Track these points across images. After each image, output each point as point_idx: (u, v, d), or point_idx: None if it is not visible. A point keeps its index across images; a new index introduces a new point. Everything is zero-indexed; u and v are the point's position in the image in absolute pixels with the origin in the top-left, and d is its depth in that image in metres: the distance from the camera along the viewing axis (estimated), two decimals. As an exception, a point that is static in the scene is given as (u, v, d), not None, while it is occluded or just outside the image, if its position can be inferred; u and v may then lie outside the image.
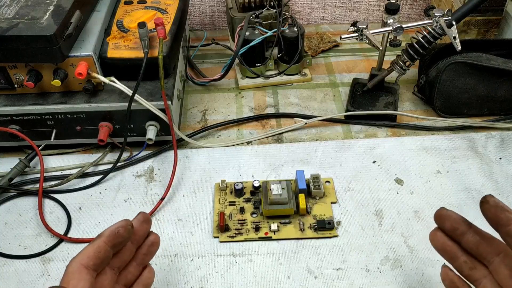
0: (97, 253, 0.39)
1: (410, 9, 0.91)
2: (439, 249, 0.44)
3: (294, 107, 0.72)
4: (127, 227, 0.41)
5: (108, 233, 0.40)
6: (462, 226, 0.42)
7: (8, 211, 0.58)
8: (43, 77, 0.58)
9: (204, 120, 0.70)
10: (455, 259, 0.42)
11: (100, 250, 0.39)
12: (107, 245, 0.39)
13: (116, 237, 0.40)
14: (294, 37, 0.72)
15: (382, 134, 0.67)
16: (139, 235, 0.43)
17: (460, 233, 0.42)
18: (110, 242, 0.40)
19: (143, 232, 0.44)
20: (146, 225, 0.44)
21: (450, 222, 0.42)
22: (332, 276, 0.50)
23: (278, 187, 0.55)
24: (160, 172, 0.62)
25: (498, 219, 0.38)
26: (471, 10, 0.62)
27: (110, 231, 0.40)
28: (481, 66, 0.64)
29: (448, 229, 0.43)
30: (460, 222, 0.42)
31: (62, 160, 0.63)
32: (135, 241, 0.43)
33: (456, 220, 0.42)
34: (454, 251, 0.42)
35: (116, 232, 0.40)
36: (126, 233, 0.41)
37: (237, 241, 0.53)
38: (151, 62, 0.58)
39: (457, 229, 0.42)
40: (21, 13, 0.55)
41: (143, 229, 0.44)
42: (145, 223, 0.44)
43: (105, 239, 0.40)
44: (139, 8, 0.67)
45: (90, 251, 0.39)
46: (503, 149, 0.63)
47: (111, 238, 0.40)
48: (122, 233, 0.40)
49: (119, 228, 0.40)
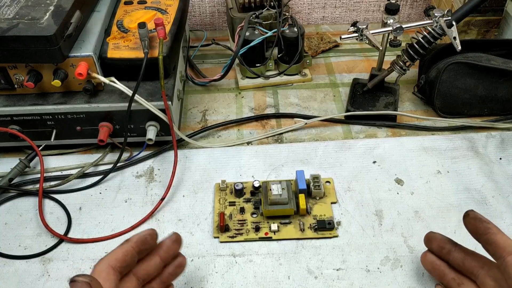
0: (124, 256, 0.41)
1: (410, 9, 0.91)
2: (429, 269, 0.48)
3: (294, 107, 0.72)
4: (154, 236, 0.44)
5: (136, 239, 0.43)
6: (448, 245, 0.46)
7: (8, 211, 0.58)
8: (43, 77, 0.58)
9: (204, 120, 0.70)
10: (444, 277, 0.46)
11: (127, 254, 0.41)
12: (134, 250, 0.42)
13: (143, 243, 0.43)
14: (294, 37, 0.72)
15: (382, 134, 0.67)
16: (168, 253, 0.45)
17: (447, 251, 0.46)
18: (138, 247, 0.42)
19: (173, 251, 0.46)
20: (177, 246, 0.46)
21: (437, 242, 0.47)
22: (332, 276, 0.50)
23: (278, 187, 0.55)
24: (160, 172, 0.62)
25: (477, 229, 0.42)
26: (471, 10, 0.62)
27: (138, 237, 0.43)
28: (481, 66, 0.64)
29: (435, 249, 0.47)
30: (446, 242, 0.46)
31: (62, 160, 0.63)
32: (164, 258, 0.45)
33: (442, 240, 0.46)
34: (442, 269, 0.46)
35: (144, 239, 0.43)
36: (152, 241, 0.44)
37: (237, 241, 0.53)
38: (151, 62, 0.58)
39: (443, 248, 0.46)
40: (21, 14, 0.55)
41: (173, 248, 0.46)
42: (176, 244, 0.46)
43: (133, 244, 0.42)
44: (139, 9, 0.67)
45: (119, 253, 0.41)
46: (503, 149, 0.63)
47: (139, 243, 0.43)
48: (149, 240, 0.43)
49: (147, 235, 0.43)
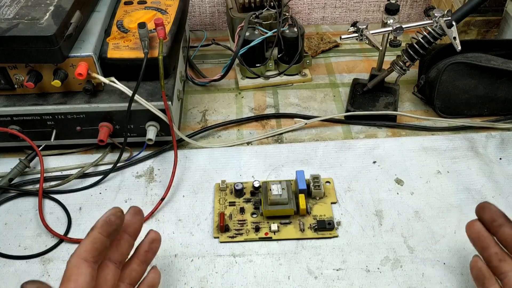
0: (93, 244, 0.39)
1: (410, 9, 0.91)
2: (474, 237, 0.45)
3: (294, 107, 0.72)
4: (117, 214, 0.41)
5: (100, 223, 0.41)
6: (501, 219, 0.44)
7: (8, 211, 0.58)
8: (43, 77, 0.58)
9: (204, 121, 0.70)
10: (487, 249, 0.44)
11: (96, 241, 0.39)
12: (102, 235, 0.40)
13: (109, 225, 0.41)
14: (294, 38, 0.72)
15: (382, 134, 0.67)
16: (134, 227, 0.44)
17: (498, 224, 0.44)
18: (105, 231, 0.40)
19: (138, 224, 0.44)
20: (139, 216, 0.45)
21: (490, 214, 0.44)
22: (332, 276, 0.50)
23: (278, 187, 0.55)
24: (160, 173, 0.62)
25: None
26: (471, 11, 0.62)
27: (102, 220, 0.41)
28: (481, 67, 0.64)
29: (487, 219, 0.45)
30: (500, 215, 0.44)
31: (62, 161, 0.63)
32: (132, 233, 0.44)
33: (496, 212, 0.44)
34: (487, 241, 0.44)
35: (108, 221, 0.41)
36: (118, 219, 0.41)
37: (237, 242, 0.53)
38: (151, 62, 0.58)
39: (495, 220, 0.44)
40: (21, 14, 0.55)
41: (137, 221, 0.44)
42: (137, 215, 0.44)
43: (99, 229, 0.40)
44: (139, 9, 0.67)
45: (87, 243, 0.39)
46: (503, 150, 0.63)
47: (105, 227, 0.40)
48: (114, 220, 0.41)
49: (110, 216, 0.41)
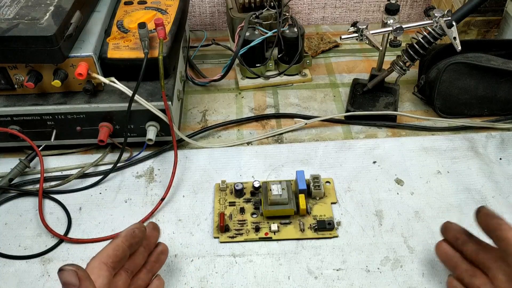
0: (115, 251, 0.41)
1: (410, 9, 0.91)
2: (443, 259, 0.48)
3: (294, 107, 0.72)
4: (141, 228, 0.45)
5: (125, 233, 0.43)
6: (463, 236, 0.46)
7: (8, 211, 0.58)
8: (43, 77, 0.58)
9: (204, 121, 0.70)
10: (457, 268, 0.46)
11: (118, 249, 0.42)
12: (124, 244, 0.42)
13: (132, 237, 0.43)
14: (294, 38, 0.72)
15: (382, 134, 0.67)
16: (150, 241, 0.47)
17: (461, 242, 0.46)
18: (128, 241, 0.43)
19: (154, 239, 0.47)
20: (156, 233, 0.48)
21: (453, 232, 0.47)
22: (332, 276, 0.50)
23: (278, 187, 0.55)
24: (160, 173, 0.62)
25: (489, 225, 0.43)
26: (471, 11, 0.62)
27: (127, 231, 0.43)
28: (481, 67, 0.64)
29: (450, 239, 0.47)
30: (461, 233, 0.46)
31: (62, 161, 0.63)
32: (147, 247, 0.46)
33: (458, 230, 0.46)
34: (455, 260, 0.46)
35: (132, 233, 0.43)
36: (141, 233, 0.45)
37: (237, 242, 0.53)
38: (151, 62, 0.58)
39: (458, 238, 0.46)
40: (21, 14, 0.55)
41: (154, 236, 0.47)
42: (155, 231, 0.47)
43: (123, 239, 0.43)
44: (139, 9, 0.67)
45: (110, 249, 0.42)
46: (503, 150, 0.63)
47: (128, 238, 0.43)
48: (137, 233, 0.44)
49: (135, 229, 0.44)
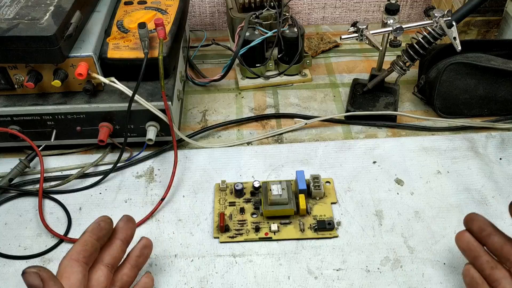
0: (84, 246, 0.42)
1: (410, 9, 0.91)
2: (465, 248, 0.46)
3: (294, 107, 0.72)
4: (107, 220, 0.45)
5: (91, 227, 0.44)
6: (489, 228, 0.45)
7: (8, 211, 0.58)
8: (43, 77, 0.58)
9: (204, 121, 0.70)
10: (478, 258, 0.45)
11: (86, 243, 0.43)
12: (92, 238, 0.43)
13: (99, 230, 0.44)
14: (294, 38, 0.72)
15: (382, 134, 0.67)
16: (126, 233, 0.47)
17: (487, 234, 0.45)
18: (95, 235, 0.44)
19: (129, 230, 0.47)
20: (132, 224, 0.48)
21: (479, 224, 0.46)
22: (332, 276, 0.50)
23: (278, 187, 0.55)
24: (160, 173, 0.62)
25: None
26: (471, 11, 0.62)
27: (92, 225, 0.45)
28: (481, 67, 0.64)
29: (475, 230, 0.46)
30: (488, 225, 0.45)
31: (62, 161, 0.63)
32: (124, 239, 0.46)
33: (485, 222, 0.46)
34: (478, 250, 0.45)
35: (98, 226, 0.45)
36: (107, 225, 0.45)
37: (237, 242, 0.53)
38: (151, 62, 0.58)
39: (484, 230, 0.45)
40: (21, 14, 0.55)
41: (128, 228, 0.47)
42: (129, 222, 0.48)
43: (89, 233, 0.44)
44: (139, 9, 0.67)
45: (78, 246, 0.43)
46: (503, 150, 0.63)
47: (95, 231, 0.44)
48: (103, 225, 0.45)
49: (100, 222, 0.45)
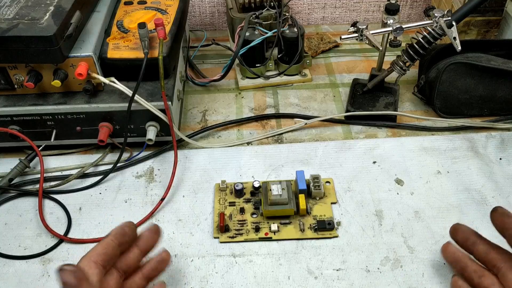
0: (105, 249, 0.42)
1: (410, 9, 0.91)
2: (451, 260, 0.47)
3: (294, 107, 0.72)
4: (131, 227, 0.45)
5: (115, 231, 0.44)
6: (473, 237, 0.46)
7: (8, 211, 0.58)
8: (43, 77, 0.58)
9: (204, 121, 0.70)
10: (465, 269, 0.45)
11: (108, 247, 0.42)
12: (114, 242, 0.43)
13: (122, 235, 0.44)
14: (294, 38, 0.72)
15: (382, 134, 0.67)
16: (147, 244, 0.46)
17: (471, 243, 0.45)
18: (117, 239, 0.43)
19: (152, 242, 0.46)
20: (156, 236, 0.47)
21: (463, 233, 0.46)
22: (332, 276, 0.50)
23: (278, 187, 0.55)
24: (160, 173, 0.62)
25: (504, 224, 0.43)
26: (471, 11, 0.62)
27: (117, 229, 0.44)
28: (481, 67, 0.64)
29: (460, 240, 0.46)
30: (472, 234, 0.46)
31: (62, 161, 0.63)
32: (143, 249, 0.46)
33: (468, 231, 0.46)
34: (464, 261, 0.46)
35: (122, 231, 0.44)
36: (131, 232, 0.45)
37: (237, 242, 0.53)
38: (151, 62, 0.58)
39: (469, 239, 0.46)
40: (21, 14, 0.55)
41: (152, 239, 0.46)
42: (155, 234, 0.47)
43: (112, 237, 0.43)
44: (139, 9, 0.67)
45: (99, 248, 0.42)
46: (503, 150, 0.63)
47: (118, 236, 0.43)
48: (127, 231, 0.44)
49: (125, 227, 0.44)
